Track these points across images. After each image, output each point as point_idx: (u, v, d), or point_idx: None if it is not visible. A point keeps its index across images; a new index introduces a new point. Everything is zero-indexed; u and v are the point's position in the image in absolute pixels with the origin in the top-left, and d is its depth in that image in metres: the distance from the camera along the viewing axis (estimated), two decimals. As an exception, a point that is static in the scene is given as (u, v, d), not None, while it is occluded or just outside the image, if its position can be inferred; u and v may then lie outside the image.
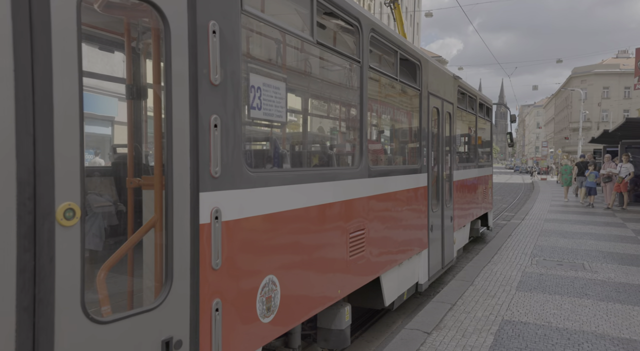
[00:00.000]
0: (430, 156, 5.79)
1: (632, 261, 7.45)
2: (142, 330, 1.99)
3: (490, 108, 10.44)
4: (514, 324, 4.61)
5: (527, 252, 8.12)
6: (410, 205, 5.09)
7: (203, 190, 2.24)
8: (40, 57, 1.66)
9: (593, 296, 5.53)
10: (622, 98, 60.35)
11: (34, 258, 1.66)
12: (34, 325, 1.66)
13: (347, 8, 3.60)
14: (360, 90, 3.94)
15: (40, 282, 1.67)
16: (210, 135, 2.28)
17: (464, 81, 7.64)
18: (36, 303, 1.66)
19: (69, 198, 1.74)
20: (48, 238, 1.69)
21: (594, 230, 10.65)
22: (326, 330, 3.76)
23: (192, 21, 2.18)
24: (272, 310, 2.75)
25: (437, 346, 4.03)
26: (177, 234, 2.13)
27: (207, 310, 2.27)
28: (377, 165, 4.51)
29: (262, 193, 2.65)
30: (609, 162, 15.79)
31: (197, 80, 2.21)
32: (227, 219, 2.38)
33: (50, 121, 1.68)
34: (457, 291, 5.66)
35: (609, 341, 4.22)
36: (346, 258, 3.65)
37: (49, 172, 1.68)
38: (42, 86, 1.66)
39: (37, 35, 1.65)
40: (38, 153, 1.66)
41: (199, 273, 2.22)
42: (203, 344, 2.24)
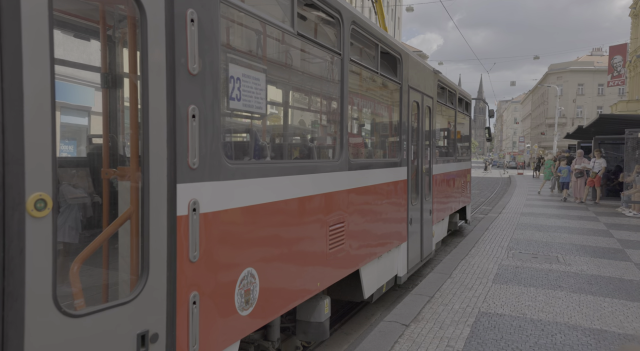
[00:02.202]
0: (410, 150, 5.81)
1: (603, 254, 7.68)
2: (116, 323, 1.95)
3: (469, 103, 10.55)
4: (490, 316, 4.70)
5: (504, 245, 8.28)
6: (390, 198, 5.10)
7: (180, 182, 2.20)
8: (9, 42, 1.60)
9: (566, 288, 5.68)
10: (596, 95, 61.87)
11: (3, 250, 1.61)
12: (3, 318, 1.62)
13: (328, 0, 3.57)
14: (341, 82, 3.92)
15: (10, 275, 1.63)
16: (189, 126, 2.23)
17: (444, 76, 7.70)
18: (5, 296, 1.62)
19: (40, 188, 1.69)
20: (18, 230, 1.64)
21: (568, 223, 10.93)
22: (305, 323, 3.76)
23: (169, 9, 2.12)
24: (250, 303, 2.72)
25: (415, 338, 4.08)
26: (153, 226, 2.09)
27: (184, 303, 2.24)
28: (357, 158, 4.50)
29: (241, 185, 2.61)
30: (581, 158, 16.19)
31: (175, 70, 2.16)
32: (205, 211, 2.34)
33: (20, 109, 1.62)
34: (435, 284, 5.73)
35: (581, 331, 4.35)
36: (326, 251, 3.64)
37: (19, 162, 1.64)
38: (10, 73, 1.60)
39: (6, 19, 1.59)
40: (7, 142, 1.61)
41: (176, 266, 2.19)
42: (180, 338, 2.21)
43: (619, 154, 16.48)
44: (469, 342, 4.04)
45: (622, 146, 14.66)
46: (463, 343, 4.02)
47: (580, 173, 15.76)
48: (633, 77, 34.86)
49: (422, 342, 4.01)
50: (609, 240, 8.86)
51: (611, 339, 4.18)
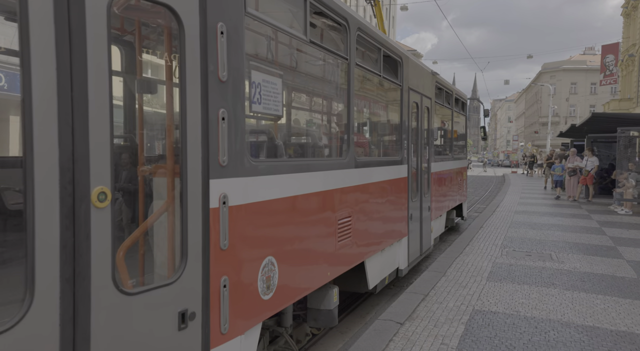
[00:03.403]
0: (410, 149, 6.06)
1: (596, 251, 7.73)
2: (162, 302, 2.22)
3: (465, 103, 10.84)
4: (484, 314, 4.72)
5: (498, 243, 8.32)
6: (392, 194, 5.37)
7: (213, 177, 2.46)
8: (77, 58, 1.86)
9: (559, 286, 5.72)
10: (588, 93, 62.29)
11: (73, 236, 1.86)
12: (74, 294, 1.87)
13: (336, 8, 3.85)
14: (348, 85, 4.19)
15: (79, 257, 1.88)
16: (219, 127, 2.50)
17: (441, 77, 7.98)
18: (75, 276, 1.87)
19: (102, 183, 1.95)
20: (85, 218, 1.89)
21: (561, 221, 10.99)
22: (316, 310, 4.00)
23: (203, 23, 2.38)
24: (271, 289, 2.99)
25: (409, 336, 4.10)
26: (190, 217, 2.35)
27: (217, 286, 2.50)
28: (362, 157, 4.76)
29: (262, 181, 2.88)
30: (574, 156, 16.27)
31: (207, 77, 2.42)
32: (232, 204, 2.60)
33: (85, 115, 1.88)
34: (430, 282, 5.75)
35: (574, 328, 4.37)
36: (335, 243, 3.91)
37: (85, 159, 1.89)
38: (78, 82, 1.86)
39: (75, 39, 1.85)
40: (76, 143, 1.86)
41: (209, 253, 2.45)
42: (213, 317, 2.48)
43: (611, 152, 16.57)
44: (463, 340, 4.05)
45: (615, 144, 14.76)
46: (457, 340, 4.03)
47: (573, 171, 15.84)
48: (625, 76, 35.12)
49: (417, 340, 4.02)
50: (602, 238, 8.93)
51: (604, 336, 4.21)
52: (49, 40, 1.77)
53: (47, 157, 1.78)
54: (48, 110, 1.77)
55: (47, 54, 1.77)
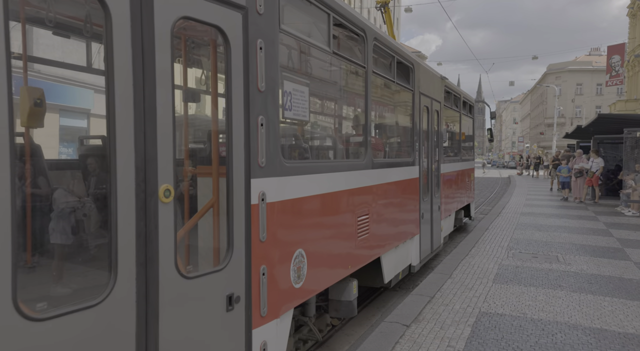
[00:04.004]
0: (421, 150, 6.40)
1: (603, 253, 7.69)
2: (213, 285, 2.53)
3: (473, 106, 11.18)
4: (490, 316, 4.70)
5: (504, 245, 8.29)
6: (405, 194, 5.70)
7: (253, 177, 2.77)
8: (148, 75, 2.17)
9: (566, 288, 5.69)
10: (594, 94, 62.02)
11: (145, 227, 2.16)
12: (146, 277, 2.16)
13: (355, 21, 4.20)
14: (365, 91, 4.53)
15: (150, 244, 2.18)
16: (259, 132, 2.81)
17: (450, 81, 8.32)
18: (147, 261, 2.17)
19: (167, 181, 2.25)
20: (154, 211, 2.19)
21: (567, 223, 10.94)
22: (337, 302, 4.30)
23: (245, 40, 2.71)
24: (301, 278, 3.31)
25: (415, 339, 4.09)
26: (236, 212, 2.66)
27: (257, 274, 2.81)
28: (378, 158, 5.08)
29: (293, 180, 3.20)
30: (580, 157, 16.17)
31: (249, 87, 2.74)
32: (269, 201, 2.92)
33: (154, 122, 2.18)
34: (435, 284, 5.74)
35: (581, 331, 4.35)
36: (355, 238, 4.23)
37: (154, 161, 2.19)
38: (149, 97, 2.17)
39: (146, 60, 2.16)
40: (147, 147, 2.16)
41: (251, 244, 2.75)
42: (254, 301, 2.79)
43: (618, 154, 16.46)
44: (469, 342, 4.04)
45: (621, 145, 14.66)
46: (464, 343, 4.02)
47: (579, 172, 15.75)
48: (631, 77, 34.94)
49: (423, 342, 4.01)
50: (609, 240, 8.88)
51: (611, 338, 4.19)
52: (127, 62, 2.09)
53: (126, 159, 2.09)
54: (126, 120, 2.09)
55: (125, 72, 2.09)
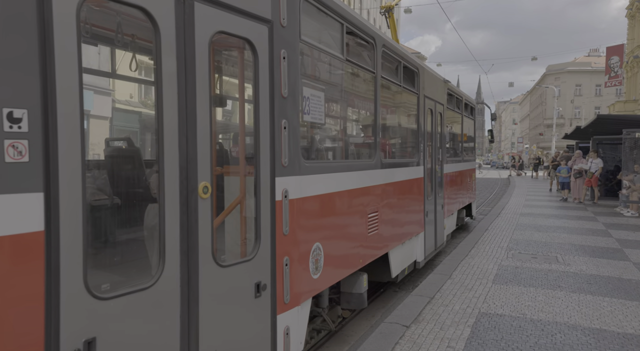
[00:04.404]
0: (425, 151, 6.69)
1: (602, 253, 7.71)
2: (244, 273, 2.80)
3: (474, 108, 11.50)
4: (490, 316, 4.71)
5: (503, 245, 8.30)
6: (411, 193, 5.99)
7: (277, 176, 3.03)
8: (190, 85, 2.44)
9: (566, 288, 5.70)
10: (593, 95, 62.12)
11: (187, 220, 2.42)
12: (188, 264, 2.43)
13: (366, 29, 4.51)
14: (375, 94, 4.83)
15: (191, 235, 2.44)
16: (282, 135, 3.07)
17: (452, 84, 8.64)
18: (189, 250, 2.44)
19: (205, 179, 2.52)
20: (194, 206, 2.45)
21: (566, 223, 10.96)
22: (348, 294, 4.58)
23: (270, 50, 2.97)
24: (318, 270, 3.57)
25: (415, 340, 4.09)
26: (262, 207, 2.92)
27: (281, 264, 3.07)
28: (386, 159, 5.37)
29: (311, 179, 3.47)
30: (580, 158, 16.17)
31: (274, 94, 3.00)
32: (291, 198, 3.18)
33: (194, 126, 2.45)
34: (435, 284, 5.75)
35: (581, 331, 4.36)
36: (365, 234, 4.50)
37: (194, 161, 2.46)
38: (191, 104, 2.44)
39: (189, 71, 2.44)
40: (189, 148, 2.43)
41: (275, 237, 3.02)
42: (278, 289, 3.05)
43: (617, 154, 16.48)
44: (469, 343, 4.05)
45: (620, 146, 14.68)
46: (464, 343, 4.03)
47: (579, 173, 15.77)
48: (630, 78, 35.01)
49: (423, 343, 4.02)
50: (608, 240, 8.90)
51: (610, 338, 4.20)
52: (173, 73, 2.36)
53: (172, 160, 2.36)
54: (172, 125, 2.36)
55: (171, 83, 2.36)
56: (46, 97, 1.84)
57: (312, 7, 3.57)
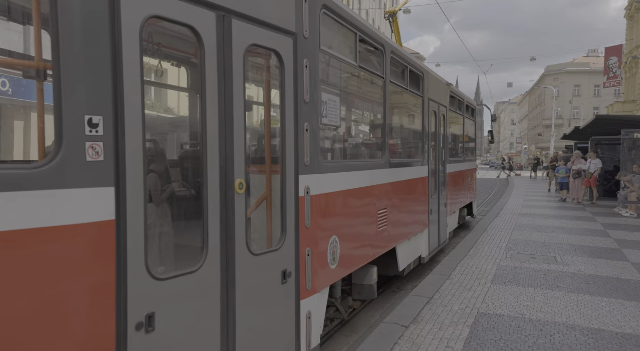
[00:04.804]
0: (429, 151, 7.03)
1: (601, 254, 7.73)
2: (273, 262, 3.12)
3: (475, 110, 11.88)
4: (489, 316, 4.72)
5: (502, 246, 8.32)
6: (416, 191, 6.31)
7: (301, 174, 3.36)
8: (228, 94, 2.77)
9: (564, 289, 5.71)
10: (592, 96, 62.26)
11: (226, 213, 2.75)
12: (227, 252, 2.77)
13: (376, 37, 4.85)
14: (384, 98, 5.17)
15: (229, 227, 2.77)
16: (305, 136, 3.39)
17: (455, 87, 9.01)
18: (227, 240, 2.77)
19: (241, 176, 2.84)
20: (231, 201, 2.78)
21: (565, 224, 10.99)
22: (360, 285, 4.89)
23: (295, 60, 3.31)
24: (335, 261, 3.90)
25: (414, 340, 4.10)
26: (288, 203, 3.24)
27: (303, 254, 3.40)
28: (394, 159, 5.64)
29: (330, 177, 3.80)
30: (579, 159, 16.17)
31: (297, 99, 3.33)
32: (312, 194, 3.50)
33: (232, 128, 2.79)
34: (434, 285, 5.76)
35: (579, 331, 4.37)
36: (376, 229, 4.83)
37: (231, 160, 2.78)
38: (229, 110, 2.78)
39: (227, 80, 2.77)
40: (227, 149, 2.76)
41: (299, 229, 3.34)
42: (302, 277, 3.38)
43: (615, 155, 16.50)
44: (468, 343, 4.06)
45: (619, 147, 14.71)
46: (462, 344, 4.04)
47: (578, 174, 15.78)
48: (629, 78, 35.07)
49: (422, 343, 4.03)
50: (606, 240, 8.93)
51: (609, 339, 4.22)
52: (214, 83, 2.70)
53: (214, 159, 2.69)
54: (214, 128, 2.69)
55: (213, 92, 2.69)
56: (116, 105, 2.18)
57: (330, 19, 3.91)
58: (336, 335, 4.82)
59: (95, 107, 2.10)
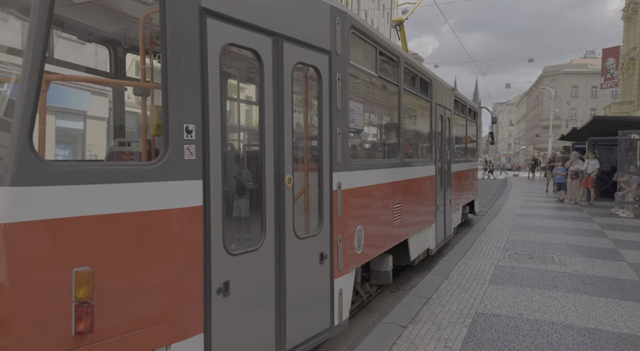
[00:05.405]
0: (436, 152, 7.64)
1: (598, 254, 7.76)
2: (313, 245, 3.73)
3: (477, 112, 12.54)
4: (487, 316, 4.73)
5: (500, 246, 8.35)
6: (425, 188, 6.90)
7: (334, 171, 3.96)
8: (280, 105, 3.36)
9: (562, 289, 5.73)
10: (589, 97, 62.56)
11: (278, 203, 3.36)
12: (279, 235, 3.35)
13: (392, 50, 5.48)
14: (398, 104, 5.80)
15: (280, 215, 3.36)
16: (337, 139, 3.99)
17: (458, 92, 9.69)
18: (279, 224, 3.36)
19: (289, 172, 3.44)
20: (282, 193, 3.38)
21: (563, 224, 11.02)
22: (377, 272, 5.48)
23: (329, 74, 3.92)
24: (360, 247, 4.48)
25: (412, 340, 4.11)
26: (324, 195, 3.85)
27: (336, 239, 3.99)
28: (407, 158, 6.22)
29: (356, 174, 4.39)
30: (576, 159, 16.20)
31: (331, 107, 3.93)
32: (343, 188, 4.09)
33: (282, 132, 3.38)
34: (432, 285, 5.78)
35: (576, 331, 4.38)
36: (392, 221, 5.43)
37: (282, 159, 3.38)
38: (281, 118, 3.36)
39: (279, 95, 3.37)
40: (279, 150, 3.36)
41: (332, 218, 3.94)
42: (335, 260, 3.98)
43: (612, 155, 16.54)
44: (466, 343, 4.07)
45: (616, 147, 14.76)
46: (460, 343, 4.06)
47: (575, 174, 15.82)
48: (626, 79, 35.22)
49: (420, 343, 4.04)
50: (603, 241, 8.98)
51: (606, 338, 4.24)
52: (270, 96, 3.29)
53: (269, 158, 3.29)
54: (269, 133, 3.28)
55: (269, 103, 3.29)
56: (204, 115, 2.78)
57: (357, 37, 4.53)
58: (357, 315, 5.37)
59: (190, 117, 2.70)
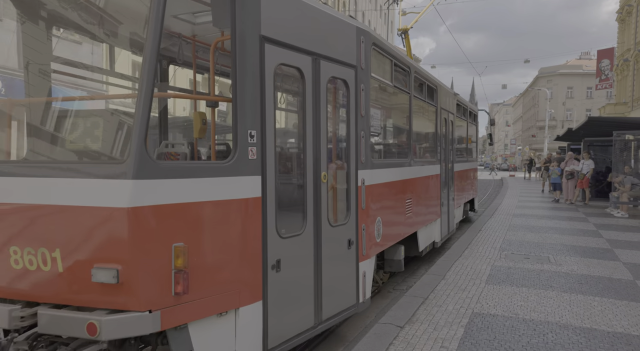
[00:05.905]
0: (441, 152, 8.34)
1: (593, 254, 7.81)
2: (342, 232, 4.35)
3: (477, 115, 13.20)
4: (483, 316, 4.75)
5: (496, 246, 8.39)
6: (432, 186, 7.58)
7: (359, 169, 4.58)
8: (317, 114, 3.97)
9: (557, 288, 5.77)
10: (584, 98, 62.93)
11: (315, 195, 3.96)
12: (315, 223, 3.95)
13: (404, 61, 6.14)
14: (409, 110, 6.50)
15: (316, 206, 3.97)
16: (361, 141, 4.60)
17: (460, 96, 10.41)
18: (315, 214, 3.96)
19: (324, 170, 4.06)
20: (319, 187, 4.00)
21: (558, 224, 11.09)
22: (390, 260, 6.08)
23: (355, 86, 4.53)
24: (379, 236, 5.12)
25: (409, 340, 4.12)
26: (351, 190, 4.47)
27: (360, 228, 4.60)
28: (416, 158, 6.87)
29: (376, 172, 5.02)
30: (572, 160, 16.26)
31: (356, 114, 4.55)
32: (366, 184, 4.71)
33: (318, 136, 3.99)
34: (429, 285, 5.80)
35: (572, 330, 4.41)
36: (404, 214, 6.10)
37: (319, 158, 4.00)
38: (318, 126, 3.97)
39: (317, 106, 3.98)
40: (315, 150, 3.97)
41: (357, 210, 4.55)
42: (360, 246, 4.59)
43: (607, 156, 16.62)
44: (462, 343, 4.09)
45: (611, 148, 14.82)
46: (457, 343, 4.08)
47: (570, 174, 15.88)
48: (620, 80, 35.45)
49: (417, 343, 4.06)
50: (598, 240, 9.04)
51: (601, 337, 4.27)
52: (310, 106, 3.91)
53: (309, 158, 3.92)
54: (309, 137, 3.91)
55: (309, 112, 3.90)
56: (262, 122, 3.40)
57: (377, 53, 5.18)
58: (373, 298, 5.95)
59: (252, 124, 3.33)
